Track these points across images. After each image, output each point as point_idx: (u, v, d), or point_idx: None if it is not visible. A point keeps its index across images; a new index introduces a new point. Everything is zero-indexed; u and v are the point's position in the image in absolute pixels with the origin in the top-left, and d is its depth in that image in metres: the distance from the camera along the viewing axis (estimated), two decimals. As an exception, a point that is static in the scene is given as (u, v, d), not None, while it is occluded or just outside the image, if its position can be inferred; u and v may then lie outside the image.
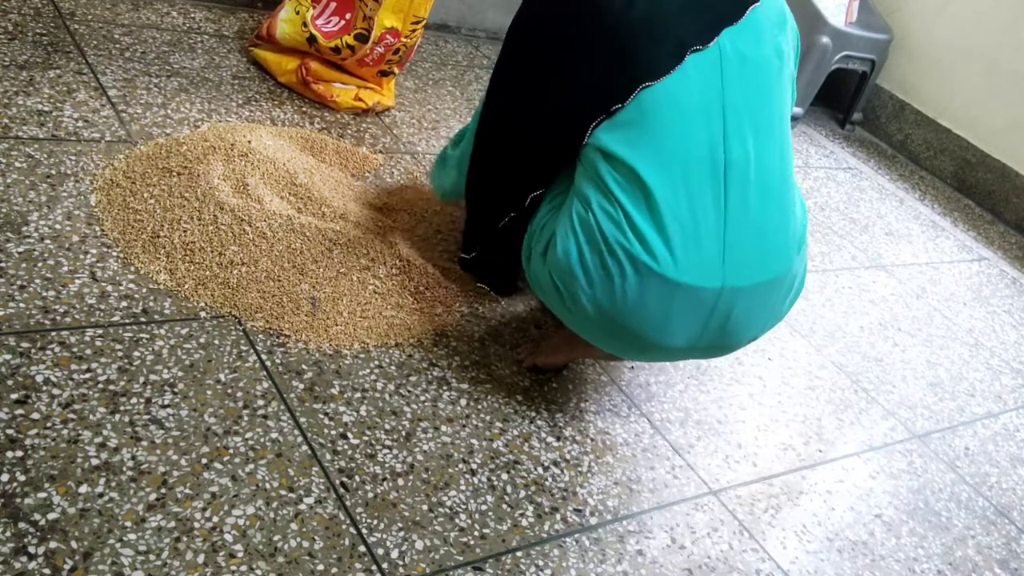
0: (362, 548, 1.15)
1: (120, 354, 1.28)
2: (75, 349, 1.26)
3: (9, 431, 1.11)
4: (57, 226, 1.46)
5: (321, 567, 1.10)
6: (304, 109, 2.09)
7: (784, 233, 1.35)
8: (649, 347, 1.34)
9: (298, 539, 1.12)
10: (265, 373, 1.35)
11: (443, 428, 1.38)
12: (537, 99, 1.38)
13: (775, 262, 1.34)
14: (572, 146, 1.33)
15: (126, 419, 1.19)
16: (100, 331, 1.30)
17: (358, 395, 1.38)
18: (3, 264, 1.35)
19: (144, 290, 1.40)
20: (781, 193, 1.34)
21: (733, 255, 1.29)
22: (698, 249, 1.27)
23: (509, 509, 1.29)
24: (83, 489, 1.08)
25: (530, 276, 1.44)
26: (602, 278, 1.28)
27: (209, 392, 1.28)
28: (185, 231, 1.51)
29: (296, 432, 1.27)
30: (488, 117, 1.49)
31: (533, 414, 1.48)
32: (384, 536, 1.17)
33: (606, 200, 1.28)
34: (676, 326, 1.30)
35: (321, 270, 1.55)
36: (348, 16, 2.11)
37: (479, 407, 1.45)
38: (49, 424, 1.14)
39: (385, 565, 1.14)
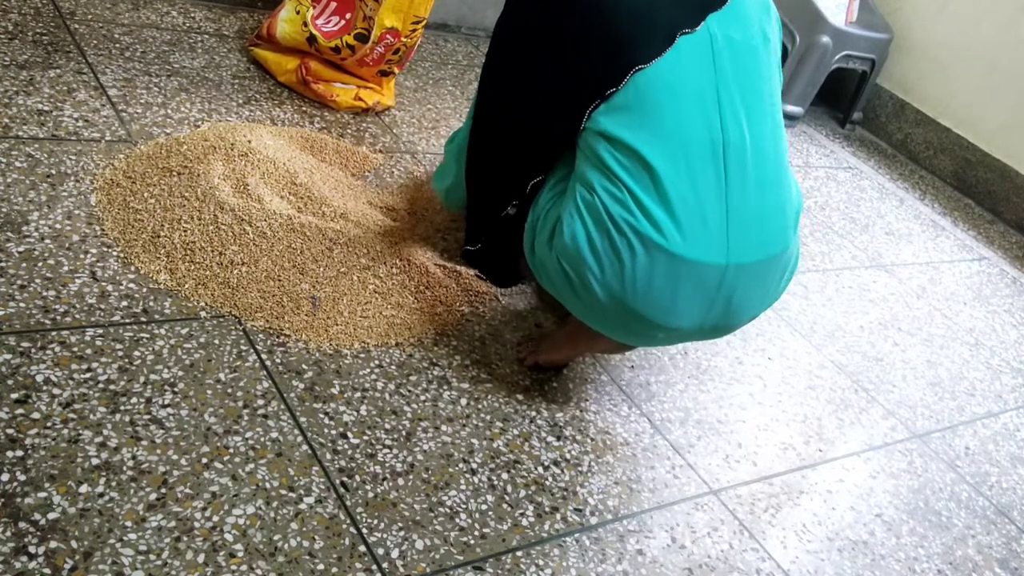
0: (362, 548, 1.15)
1: (120, 354, 1.28)
2: (75, 349, 1.26)
3: (9, 431, 1.11)
4: (57, 226, 1.46)
5: (321, 567, 1.10)
6: (304, 109, 2.09)
7: (781, 212, 1.38)
8: (656, 330, 1.35)
9: (298, 539, 1.12)
10: (265, 373, 1.35)
11: (443, 427, 1.38)
12: (532, 88, 1.39)
13: (774, 240, 1.37)
14: (570, 132, 1.35)
15: (126, 419, 1.19)
16: (100, 331, 1.30)
17: (358, 395, 1.38)
18: (3, 264, 1.35)
19: (144, 290, 1.40)
20: (777, 174, 1.37)
21: (736, 233, 1.31)
22: (704, 226, 1.29)
23: (509, 509, 1.29)
24: (83, 489, 1.08)
25: (534, 264, 1.45)
26: (611, 260, 1.29)
27: (209, 392, 1.28)
28: (185, 231, 1.51)
29: (296, 432, 1.27)
30: (483, 109, 1.50)
31: (533, 413, 1.48)
32: (384, 536, 1.18)
33: (610, 182, 1.29)
34: (683, 306, 1.32)
35: (321, 269, 1.55)
36: (348, 16, 2.11)
37: (479, 406, 1.45)
38: (49, 424, 1.14)
39: (385, 565, 1.14)
